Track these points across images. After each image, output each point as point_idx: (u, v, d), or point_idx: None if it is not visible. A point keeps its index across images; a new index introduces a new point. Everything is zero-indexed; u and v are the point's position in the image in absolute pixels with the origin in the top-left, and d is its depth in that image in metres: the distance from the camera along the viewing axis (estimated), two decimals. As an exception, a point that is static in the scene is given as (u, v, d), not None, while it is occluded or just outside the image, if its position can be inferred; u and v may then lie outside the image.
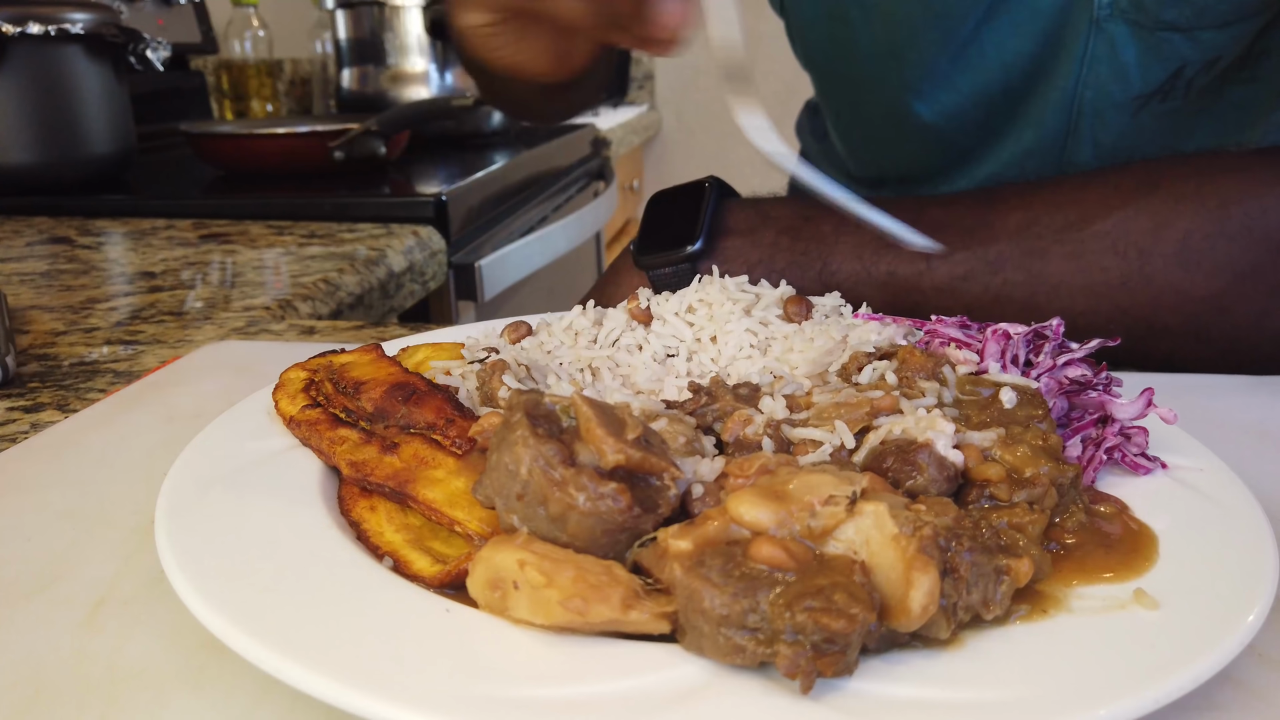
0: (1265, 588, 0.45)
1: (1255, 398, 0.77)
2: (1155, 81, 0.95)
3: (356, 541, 0.50)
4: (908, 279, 0.86)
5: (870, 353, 0.62)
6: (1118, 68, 0.95)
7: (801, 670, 0.38)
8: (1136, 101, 0.97)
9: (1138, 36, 0.93)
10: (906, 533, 0.42)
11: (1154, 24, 0.91)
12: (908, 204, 0.90)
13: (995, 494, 0.50)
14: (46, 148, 1.72)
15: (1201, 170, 0.83)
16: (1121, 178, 0.85)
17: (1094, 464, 0.56)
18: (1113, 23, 0.92)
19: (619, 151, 3.30)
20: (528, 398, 0.48)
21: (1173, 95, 0.96)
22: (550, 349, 0.71)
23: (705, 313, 0.71)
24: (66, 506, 0.60)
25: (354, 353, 0.68)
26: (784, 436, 0.54)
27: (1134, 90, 0.96)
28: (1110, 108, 0.98)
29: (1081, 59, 0.95)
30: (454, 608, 0.43)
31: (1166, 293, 0.81)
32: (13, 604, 0.50)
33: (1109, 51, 0.94)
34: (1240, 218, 0.80)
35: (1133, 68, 0.95)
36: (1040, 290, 0.83)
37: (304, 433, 0.59)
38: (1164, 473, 0.57)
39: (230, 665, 0.45)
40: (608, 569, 0.43)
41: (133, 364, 0.92)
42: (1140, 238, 0.81)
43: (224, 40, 2.76)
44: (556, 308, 0.78)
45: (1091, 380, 0.59)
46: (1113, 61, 0.95)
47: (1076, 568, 0.48)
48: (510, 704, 0.37)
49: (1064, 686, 0.39)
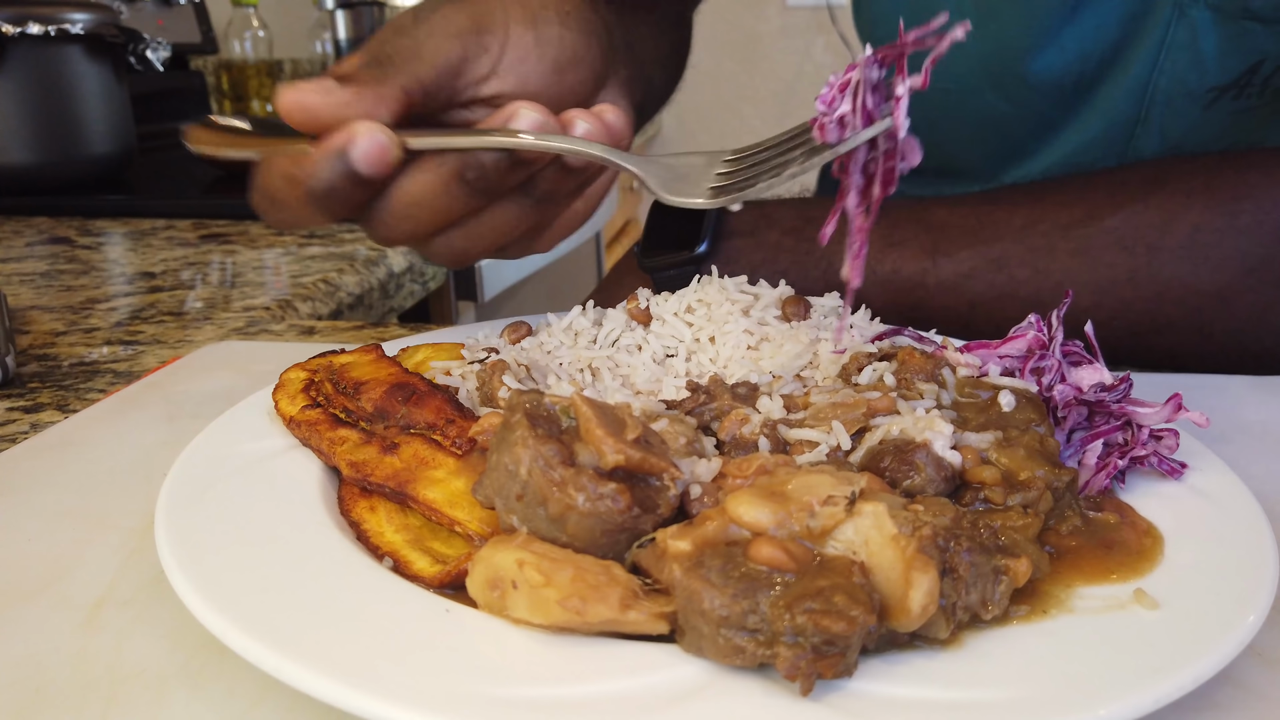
0: (1265, 588, 0.45)
1: (1255, 398, 0.77)
2: (1232, 73, 0.93)
3: (356, 541, 0.50)
4: (911, 277, 0.86)
5: (871, 353, 0.62)
6: (1196, 56, 0.92)
7: (801, 672, 0.38)
8: (1211, 93, 0.94)
9: (1220, 24, 0.90)
10: (906, 533, 0.42)
11: (1238, 12, 0.89)
12: (911, 203, 0.90)
13: (990, 496, 0.50)
14: (46, 148, 1.72)
15: (1210, 167, 0.83)
16: (1128, 175, 0.85)
17: (1109, 469, 0.56)
18: (1196, 8, 0.90)
19: (619, 151, 3.30)
20: (528, 398, 0.48)
21: (1248, 91, 0.94)
22: (550, 349, 0.71)
23: (704, 313, 0.71)
24: (66, 506, 0.60)
25: (354, 353, 0.68)
26: (780, 436, 0.54)
27: (1210, 81, 0.94)
28: (1183, 96, 0.95)
29: (1161, 44, 0.93)
30: (454, 608, 0.44)
31: (1172, 286, 0.81)
32: (13, 604, 0.50)
33: (1190, 38, 0.92)
34: (1252, 211, 0.79)
35: (1210, 57, 0.92)
36: (1045, 287, 0.83)
37: (304, 433, 0.59)
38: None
39: (230, 665, 0.45)
40: (606, 569, 0.43)
41: (133, 364, 0.92)
42: (1148, 233, 0.81)
43: (224, 40, 2.76)
44: (556, 308, 0.78)
45: (1113, 386, 0.59)
46: (1192, 49, 0.92)
47: (1077, 568, 0.48)
48: (510, 704, 0.37)
49: (1064, 686, 0.39)
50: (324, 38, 3.03)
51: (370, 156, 0.62)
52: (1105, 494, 0.55)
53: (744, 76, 4.09)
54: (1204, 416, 0.57)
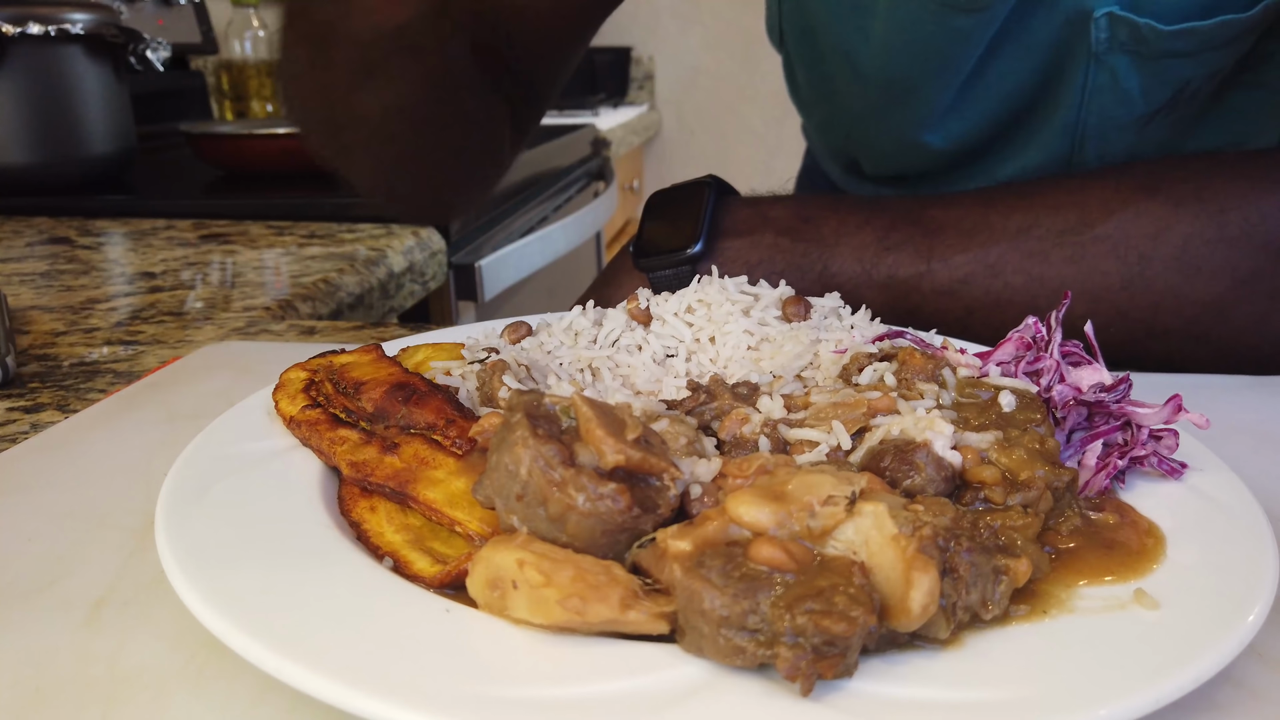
0: (1265, 588, 0.45)
1: (1255, 398, 0.77)
2: (1159, 101, 0.94)
3: (356, 541, 0.50)
4: (907, 281, 0.86)
5: (871, 354, 0.62)
6: (1120, 94, 0.94)
7: (802, 673, 0.38)
8: (1140, 120, 0.96)
9: (1139, 66, 0.91)
10: (906, 533, 0.42)
11: (1156, 54, 0.90)
12: (908, 203, 0.90)
13: (990, 497, 0.50)
14: (46, 148, 1.72)
15: (1200, 173, 0.83)
16: (1121, 180, 0.85)
17: (1109, 470, 0.56)
18: (1112, 55, 0.91)
19: (619, 151, 3.31)
20: (528, 398, 0.48)
21: (1176, 108, 0.95)
22: (550, 349, 0.71)
23: (704, 313, 0.71)
24: (66, 506, 0.60)
25: (354, 353, 0.68)
26: (780, 436, 0.54)
27: (1138, 111, 0.95)
28: (1114, 129, 0.97)
29: (1083, 88, 0.94)
30: (454, 608, 0.44)
31: (1166, 297, 0.81)
32: (13, 604, 0.50)
33: (1111, 81, 0.93)
34: (1240, 223, 0.80)
35: (1136, 93, 0.93)
36: (1041, 294, 0.83)
37: (304, 433, 0.59)
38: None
39: (230, 665, 0.45)
40: (607, 569, 0.43)
41: (133, 364, 0.92)
42: (1140, 242, 0.81)
43: (224, 40, 2.76)
44: (556, 308, 0.78)
45: (1112, 387, 0.59)
46: (1115, 90, 0.93)
47: (1077, 568, 0.48)
48: (510, 704, 0.37)
49: (1064, 686, 0.39)
50: (324, 38, 3.02)
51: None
52: (1105, 494, 0.55)
53: (744, 76, 4.09)
54: (1204, 418, 0.57)
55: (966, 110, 1.02)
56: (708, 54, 4.12)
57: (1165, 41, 0.88)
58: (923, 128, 1.06)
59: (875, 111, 1.09)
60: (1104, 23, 0.89)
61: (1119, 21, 0.88)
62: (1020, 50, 0.95)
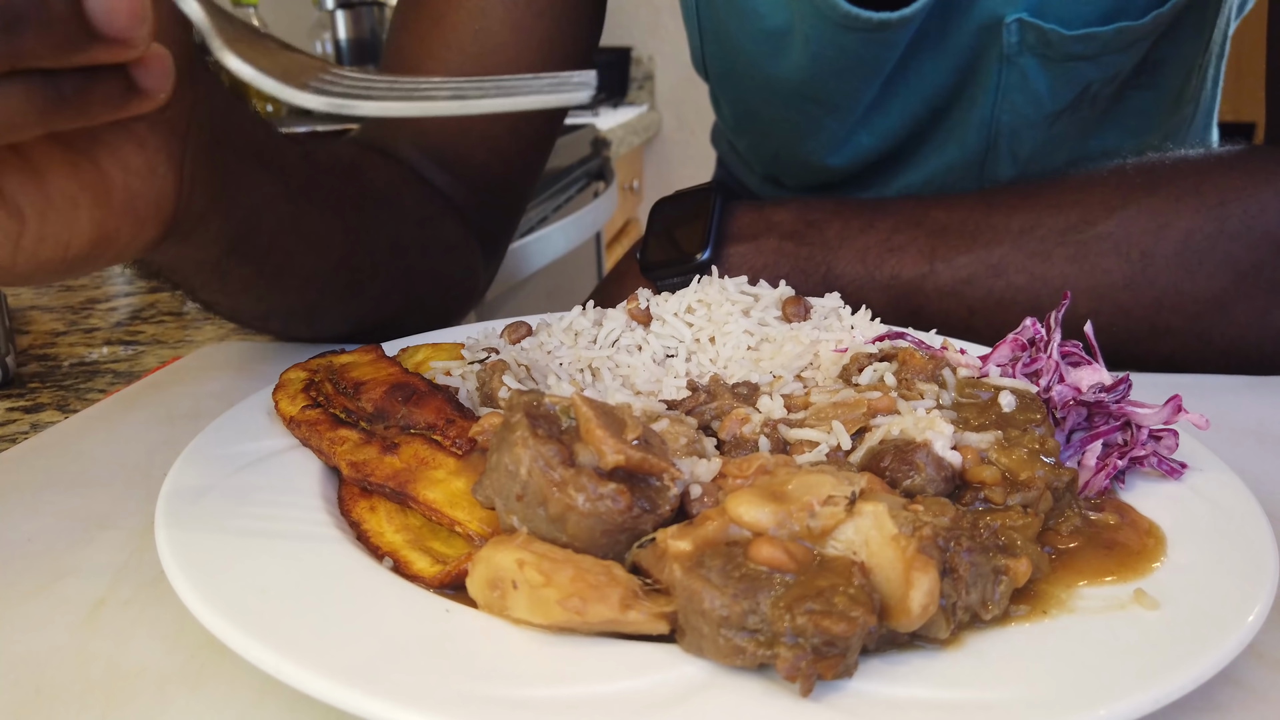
0: (1265, 588, 0.45)
1: (1255, 398, 0.77)
2: (1065, 100, 1.01)
3: (356, 541, 0.50)
4: (910, 282, 0.86)
5: (871, 354, 0.62)
6: (1030, 94, 1.00)
7: (801, 673, 0.38)
8: (1049, 118, 1.02)
9: (1047, 67, 0.98)
10: (906, 533, 0.42)
11: (1062, 56, 0.96)
12: (910, 205, 0.91)
13: (990, 496, 0.50)
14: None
15: (1200, 169, 0.83)
16: (1122, 177, 0.85)
17: (1109, 470, 0.56)
18: (1022, 58, 0.97)
19: (619, 151, 3.30)
20: (528, 398, 0.48)
21: (1080, 108, 1.02)
22: (550, 349, 0.71)
23: (704, 313, 0.71)
24: (66, 506, 0.60)
25: (354, 353, 0.68)
26: (780, 436, 0.54)
27: (1046, 110, 1.02)
28: (1026, 127, 1.03)
29: (996, 88, 1.01)
30: (454, 608, 0.43)
31: (1169, 293, 0.82)
32: (13, 604, 0.50)
33: (1021, 81, 0.99)
34: (1240, 216, 0.80)
35: (1044, 93, 1.00)
36: (1044, 293, 0.83)
37: (304, 433, 0.59)
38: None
39: (230, 665, 0.45)
40: (606, 569, 0.43)
41: (133, 364, 0.92)
42: (1142, 239, 0.82)
43: (224, 40, 2.76)
44: (556, 308, 0.78)
45: (1112, 387, 0.59)
46: (1025, 89, 1.00)
47: (1077, 568, 0.48)
48: (510, 704, 0.37)
49: (1064, 686, 0.39)
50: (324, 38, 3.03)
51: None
52: (1105, 494, 0.55)
53: (744, 76, 4.08)
54: (1203, 418, 0.57)
55: (890, 108, 1.07)
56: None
57: (1069, 45, 0.95)
58: (851, 129, 1.10)
59: (801, 127, 1.13)
60: (1014, 28, 0.95)
61: (1028, 27, 0.95)
62: (938, 54, 1.01)
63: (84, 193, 0.49)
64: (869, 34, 0.96)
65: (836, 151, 1.14)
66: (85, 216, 0.50)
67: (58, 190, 0.48)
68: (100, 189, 0.51)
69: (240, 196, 0.66)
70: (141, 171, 0.53)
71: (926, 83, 1.04)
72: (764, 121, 1.21)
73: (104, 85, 0.44)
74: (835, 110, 1.08)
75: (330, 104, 0.40)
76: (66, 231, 0.49)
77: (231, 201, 0.65)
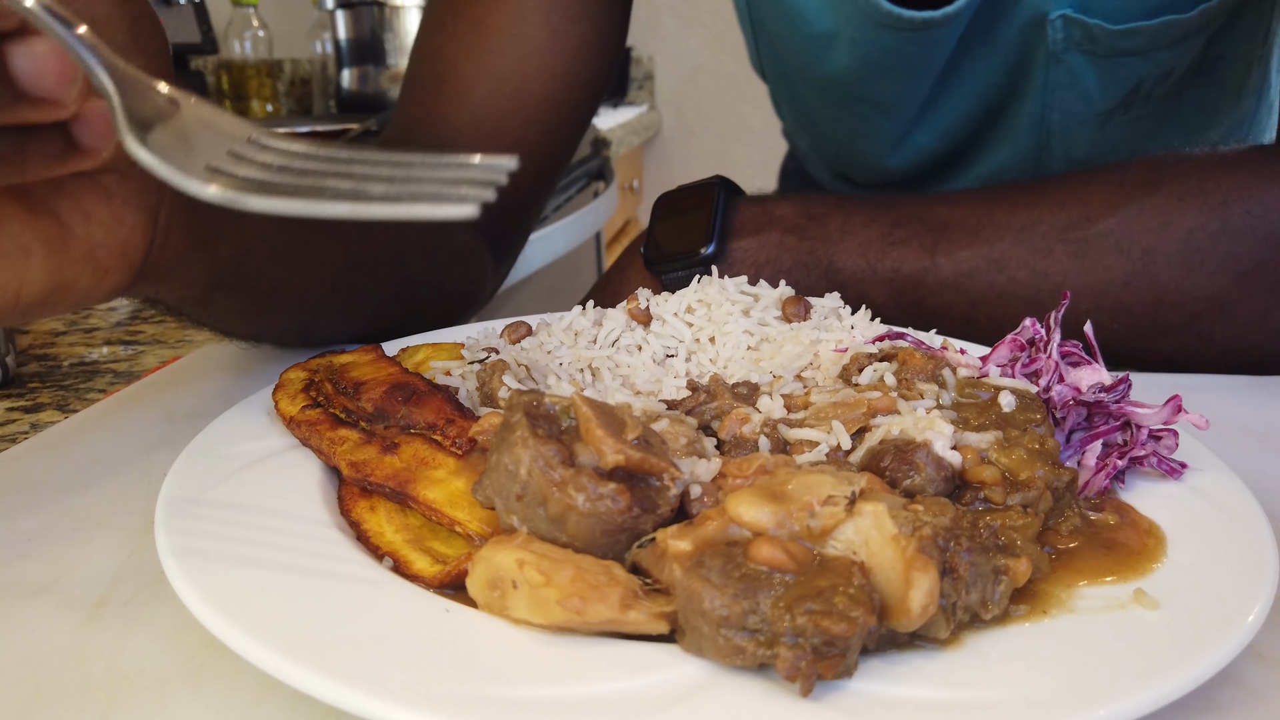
0: (1265, 588, 0.45)
1: (1255, 398, 0.77)
2: (1116, 98, 1.01)
3: (356, 541, 0.50)
4: (912, 276, 0.86)
5: (871, 354, 0.62)
6: (1079, 91, 1.00)
7: (801, 673, 0.38)
8: (1100, 117, 1.02)
9: (1094, 64, 0.97)
10: (906, 533, 0.42)
11: (1108, 52, 0.96)
12: (913, 200, 0.91)
13: (989, 496, 0.50)
14: (46, 148, 1.71)
15: (1203, 167, 0.83)
16: (1125, 175, 0.85)
17: (1109, 470, 0.56)
18: (1069, 54, 0.97)
19: (619, 151, 3.30)
20: (528, 398, 0.48)
21: (1134, 106, 1.01)
22: (550, 349, 0.71)
23: (704, 313, 0.71)
24: (66, 506, 0.60)
25: (354, 353, 0.68)
26: (780, 436, 0.54)
27: (1097, 107, 1.01)
28: (1077, 125, 1.03)
29: (1044, 87, 1.01)
30: (454, 608, 0.43)
31: (1170, 292, 0.82)
32: (13, 604, 0.50)
33: (1069, 78, 0.99)
34: (1242, 215, 0.80)
35: (1094, 89, 1.00)
36: (1044, 289, 0.83)
37: (304, 433, 0.59)
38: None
39: (230, 665, 0.45)
40: (606, 569, 0.43)
41: (133, 364, 0.92)
42: (1144, 236, 0.82)
43: (224, 40, 2.76)
44: (556, 308, 0.78)
45: (1111, 387, 0.59)
46: (1074, 87, 1.00)
47: (1077, 568, 0.48)
48: (510, 704, 0.37)
49: (1064, 686, 0.39)
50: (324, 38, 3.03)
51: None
52: (1105, 494, 0.55)
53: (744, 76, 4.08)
54: (1203, 419, 0.57)
55: (944, 108, 1.08)
56: (708, 54, 4.12)
57: (1114, 40, 0.95)
58: (906, 129, 1.10)
59: (856, 128, 1.14)
60: (1059, 24, 0.95)
61: (1072, 22, 0.95)
62: (987, 52, 1.01)
63: (38, 242, 0.48)
64: (913, 33, 0.97)
65: (894, 152, 1.14)
66: (39, 265, 0.48)
67: (9, 238, 0.47)
68: (57, 239, 0.49)
69: (228, 235, 0.64)
70: (106, 222, 0.51)
71: (979, 80, 1.04)
72: (821, 122, 1.22)
73: (40, 143, 0.43)
74: (889, 110, 1.09)
75: (225, 196, 0.39)
76: (17, 280, 0.48)
77: (217, 242, 0.63)
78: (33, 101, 0.40)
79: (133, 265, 0.54)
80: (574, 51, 0.99)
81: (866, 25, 0.98)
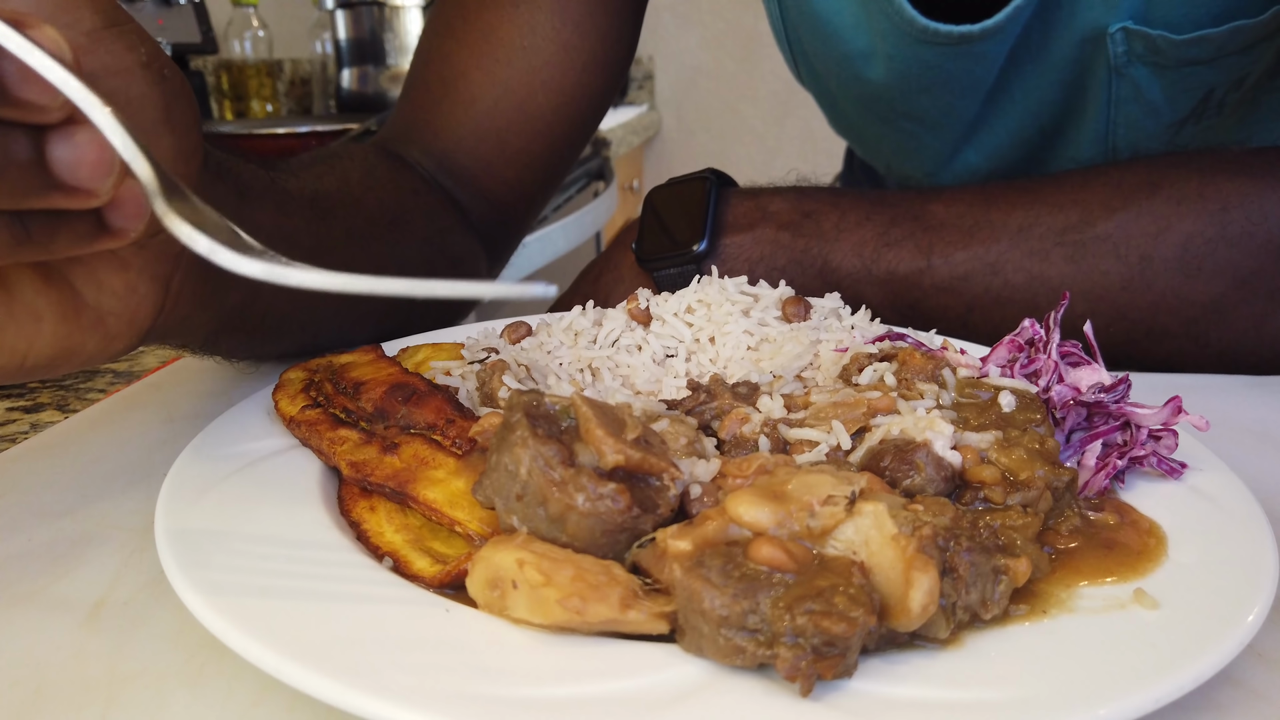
0: (1265, 588, 0.45)
1: (1255, 398, 0.77)
2: (1186, 109, 0.95)
3: (356, 541, 0.50)
4: (908, 277, 0.86)
5: (871, 354, 0.62)
6: (1145, 104, 0.95)
7: (801, 673, 0.38)
8: (1170, 129, 0.97)
9: (1160, 75, 0.92)
10: (906, 532, 0.42)
11: (1175, 63, 0.90)
12: (909, 198, 0.90)
13: (989, 496, 0.50)
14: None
15: (1202, 171, 0.83)
16: (1123, 176, 0.85)
17: (1109, 470, 0.56)
18: (1132, 68, 0.92)
19: (619, 151, 3.30)
20: (528, 398, 0.48)
21: (1206, 115, 0.96)
22: (550, 349, 0.71)
23: (704, 313, 0.71)
24: (67, 506, 0.60)
25: (354, 353, 0.68)
26: (780, 436, 0.54)
27: (1165, 120, 0.96)
28: (1146, 139, 0.98)
29: (1108, 102, 0.95)
30: (454, 608, 0.43)
31: (1167, 297, 0.81)
32: (13, 604, 0.50)
33: (1134, 92, 0.94)
34: (1241, 222, 0.80)
35: (1160, 102, 0.94)
36: (1041, 292, 0.83)
37: (304, 433, 0.59)
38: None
39: (230, 665, 0.45)
40: (606, 569, 0.43)
41: (133, 364, 0.92)
42: (1141, 241, 0.81)
43: (224, 40, 2.76)
44: (556, 308, 0.78)
45: (1111, 387, 0.59)
46: (1139, 100, 0.94)
47: (1077, 568, 0.48)
48: (510, 704, 0.37)
49: (1064, 686, 0.39)
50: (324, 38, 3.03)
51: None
52: (1105, 494, 0.55)
53: (744, 76, 4.08)
54: (1203, 419, 0.57)
55: (996, 126, 1.04)
56: (708, 54, 4.12)
57: (1181, 50, 0.89)
58: (955, 146, 1.07)
59: (902, 145, 1.12)
60: (1120, 37, 0.90)
61: (1134, 35, 0.89)
62: (1041, 68, 0.96)
63: (50, 309, 0.48)
64: (952, 48, 0.93)
65: (944, 169, 1.11)
66: (49, 331, 0.49)
67: (21, 304, 0.47)
68: (69, 306, 0.49)
69: (235, 291, 0.63)
70: (119, 291, 0.52)
71: (1032, 99, 1.00)
72: (869, 137, 1.20)
73: (72, 225, 0.43)
74: (935, 127, 1.06)
75: (269, 272, 0.39)
76: (25, 344, 0.48)
77: (225, 294, 0.62)
78: (67, 190, 0.41)
79: (140, 331, 0.54)
80: (583, 66, 0.98)
81: (903, 41, 0.95)
